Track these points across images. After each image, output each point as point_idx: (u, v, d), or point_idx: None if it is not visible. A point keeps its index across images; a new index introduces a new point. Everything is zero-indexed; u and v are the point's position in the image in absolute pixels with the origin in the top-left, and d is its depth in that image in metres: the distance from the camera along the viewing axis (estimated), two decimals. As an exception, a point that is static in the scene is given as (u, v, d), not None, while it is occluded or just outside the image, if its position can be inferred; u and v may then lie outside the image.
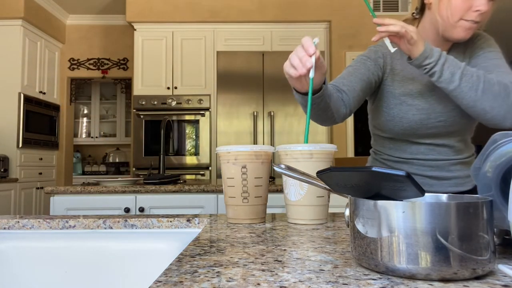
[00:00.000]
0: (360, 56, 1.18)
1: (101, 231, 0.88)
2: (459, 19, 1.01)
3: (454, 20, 1.02)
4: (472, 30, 1.02)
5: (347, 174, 0.47)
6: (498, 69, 1.03)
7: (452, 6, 1.01)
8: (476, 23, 1.01)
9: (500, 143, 0.52)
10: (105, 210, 2.03)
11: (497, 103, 0.94)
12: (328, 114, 1.00)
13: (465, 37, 1.03)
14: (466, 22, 1.01)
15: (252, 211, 0.81)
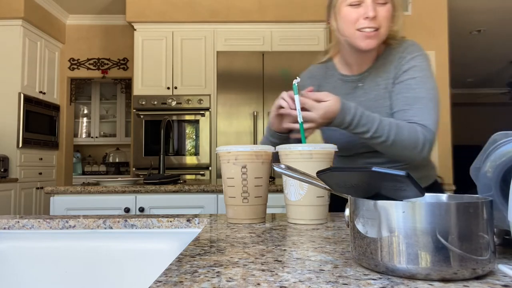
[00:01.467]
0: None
1: (101, 231, 0.88)
2: (353, 28, 1.03)
3: (351, 33, 1.04)
4: (374, 37, 1.02)
5: (347, 174, 0.47)
6: (417, 104, 1.03)
7: (343, 20, 1.05)
8: (376, 30, 1.02)
9: (500, 143, 0.52)
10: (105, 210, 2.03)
11: (405, 154, 1.01)
12: None
13: (369, 45, 1.03)
14: (361, 32, 1.02)
15: (252, 211, 0.81)
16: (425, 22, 4.15)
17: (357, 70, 1.14)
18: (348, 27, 1.04)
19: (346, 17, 1.03)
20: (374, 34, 1.02)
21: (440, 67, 4.14)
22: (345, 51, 1.13)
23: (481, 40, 5.69)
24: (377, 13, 1.01)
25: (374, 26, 1.01)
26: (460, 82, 7.64)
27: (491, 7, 4.65)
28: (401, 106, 1.05)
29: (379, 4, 1.01)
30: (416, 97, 1.04)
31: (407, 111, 1.03)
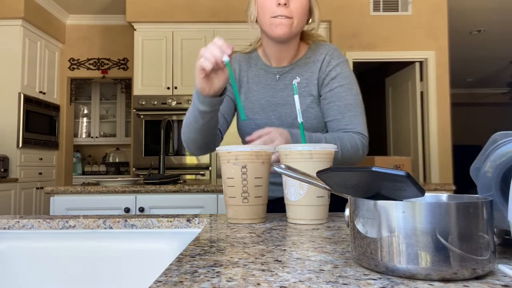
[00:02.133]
0: None
1: (101, 231, 0.88)
2: (269, 17, 1.06)
3: (266, 21, 1.07)
4: (286, 26, 1.05)
5: (347, 174, 0.47)
6: (349, 112, 1.10)
7: (260, 9, 1.08)
8: (288, 18, 1.04)
9: (500, 143, 0.52)
10: (105, 210, 2.03)
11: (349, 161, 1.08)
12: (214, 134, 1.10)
13: (281, 32, 1.05)
14: (276, 19, 1.05)
15: (252, 211, 0.81)
16: (425, 22, 4.15)
17: (277, 63, 1.16)
18: (264, 15, 1.06)
19: (262, 5, 1.07)
20: (287, 22, 1.04)
21: (440, 67, 4.14)
22: (264, 42, 1.15)
23: (481, 40, 5.69)
24: (290, 2, 1.04)
25: (286, 14, 1.04)
26: (460, 82, 7.65)
27: (491, 7, 4.66)
28: (335, 115, 1.11)
29: None
30: (347, 104, 1.11)
31: (340, 120, 1.10)
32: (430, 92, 4.13)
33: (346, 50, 4.15)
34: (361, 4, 4.18)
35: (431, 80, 4.14)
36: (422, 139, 4.22)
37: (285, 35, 1.06)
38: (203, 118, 1.00)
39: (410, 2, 4.16)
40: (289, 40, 1.10)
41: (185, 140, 1.13)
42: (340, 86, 1.12)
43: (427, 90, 4.17)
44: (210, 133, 1.08)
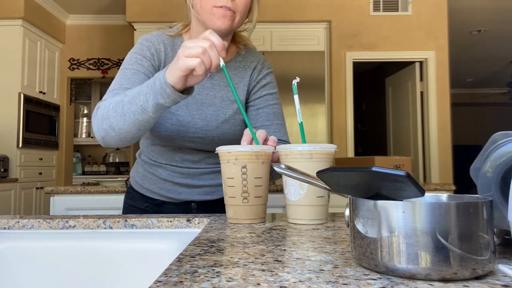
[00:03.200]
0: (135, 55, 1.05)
1: (101, 231, 0.88)
2: (211, 6, 0.98)
3: (207, 9, 0.99)
4: (229, 19, 0.99)
5: (347, 174, 0.47)
6: (277, 120, 1.11)
7: None
8: (231, 11, 0.98)
9: (500, 143, 0.52)
10: (105, 210, 2.03)
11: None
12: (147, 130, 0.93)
13: (222, 25, 0.98)
14: (219, 9, 0.97)
15: (252, 211, 0.81)
16: (425, 22, 4.15)
17: None
18: (206, 2, 0.99)
19: None
20: (230, 15, 0.98)
21: (440, 67, 4.14)
22: (195, 31, 1.06)
23: (481, 40, 5.69)
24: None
25: (231, 7, 0.98)
26: (460, 82, 7.65)
27: (491, 7, 4.66)
28: (263, 121, 1.10)
29: None
30: (275, 113, 1.11)
31: (269, 126, 1.09)
32: (430, 92, 4.13)
33: (346, 50, 4.16)
34: (361, 4, 4.18)
35: (431, 80, 4.14)
36: (422, 139, 4.22)
37: (226, 28, 0.99)
38: (156, 111, 0.84)
39: (410, 2, 4.16)
40: (225, 36, 1.03)
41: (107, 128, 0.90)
42: (269, 94, 1.12)
43: (427, 90, 4.17)
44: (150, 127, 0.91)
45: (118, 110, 0.88)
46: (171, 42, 1.09)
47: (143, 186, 1.16)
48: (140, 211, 1.16)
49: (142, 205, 1.16)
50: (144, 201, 1.16)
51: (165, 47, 1.07)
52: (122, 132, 0.89)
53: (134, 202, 1.19)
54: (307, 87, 3.91)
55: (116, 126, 0.89)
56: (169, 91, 0.81)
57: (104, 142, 0.95)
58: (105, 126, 0.91)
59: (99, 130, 0.93)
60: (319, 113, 3.99)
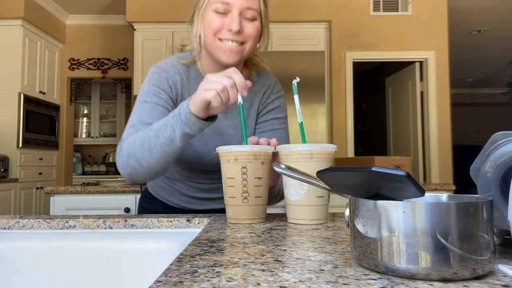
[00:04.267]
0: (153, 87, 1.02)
1: (101, 231, 0.88)
2: (215, 38, 0.94)
3: (211, 42, 0.95)
4: (237, 52, 0.95)
5: (347, 174, 0.47)
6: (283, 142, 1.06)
7: (206, 27, 0.96)
8: (240, 44, 0.94)
9: (500, 143, 0.52)
10: (105, 210, 2.03)
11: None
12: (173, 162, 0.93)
13: (229, 59, 0.94)
14: (223, 43, 0.94)
15: (252, 211, 0.81)
16: (425, 22, 4.15)
17: None
18: (210, 35, 0.95)
19: (209, 24, 0.94)
20: (238, 49, 0.94)
21: (440, 67, 4.14)
22: (205, 61, 1.04)
23: (481, 40, 5.69)
24: (243, 27, 0.93)
25: (238, 40, 0.94)
26: (460, 82, 7.64)
27: (491, 7, 4.66)
28: None
29: (247, 19, 0.94)
30: (279, 137, 1.06)
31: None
32: (430, 92, 4.13)
33: (346, 50, 4.16)
34: (361, 4, 4.18)
35: (431, 80, 4.14)
36: (422, 139, 4.22)
37: (234, 62, 0.95)
38: (183, 141, 0.86)
39: (410, 2, 4.16)
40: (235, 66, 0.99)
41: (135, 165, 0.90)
42: (275, 119, 1.09)
43: (427, 90, 4.17)
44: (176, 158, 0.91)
45: (145, 145, 0.88)
46: (186, 71, 1.06)
47: (161, 195, 1.15)
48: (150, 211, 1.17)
49: (160, 210, 1.15)
50: (163, 207, 1.15)
51: (181, 77, 1.05)
52: (150, 166, 0.89)
53: (153, 206, 1.17)
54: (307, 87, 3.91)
55: (144, 161, 0.89)
56: (194, 120, 0.82)
57: (131, 178, 0.95)
58: (132, 163, 0.91)
59: (126, 168, 0.93)
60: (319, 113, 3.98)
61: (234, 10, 0.92)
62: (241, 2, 0.92)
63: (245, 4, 0.93)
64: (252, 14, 0.94)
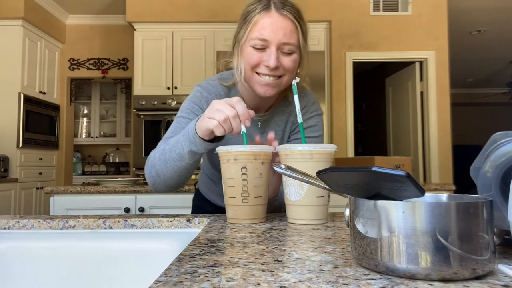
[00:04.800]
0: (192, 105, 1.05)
1: (101, 231, 0.88)
2: (253, 72, 0.96)
3: (249, 76, 0.97)
4: (274, 86, 0.96)
5: (347, 174, 0.47)
6: None
7: (245, 58, 0.97)
8: (277, 78, 0.95)
9: (500, 143, 0.52)
10: (105, 210, 2.03)
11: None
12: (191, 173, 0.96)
13: (267, 93, 0.96)
14: (261, 77, 0.95)
15: (252, 211, 0.81)
16: (425, 22, 4.15)
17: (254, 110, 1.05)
18: (248, 69, 0.96)
19: (247, 58, 0.96)
20: (274, 83, 0.96)
21: (440, 67, 4.14)
22: (244, 88, 1.05)
23: (481, 40, 5.69)
24: (281, 62, 0.94)
25: (275, 74, 0.95)
26: (460, 82, 7.64)
27: (491, 7, 4.66)
28: None
29: (284, 53, 0.95)
30: None
31: None
32: (430, 92, 4.13)
33: (346, 50, 4.15)
34: (361, 4, 4.18)
35: (431, 80, 4.14)
36: (422, 139, 4.22)
37: (271, 96, 0.98)
38: (191, 158, 0.89)
39: (410, 2, 4.16)
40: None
41: (155, 175, 0.96)
42: (308, 138, 1.08)
43: (427, 90, 4.17)
44: (190, 173, 0.95)
45: (161, 158, 0.93)
46: (227, 92, 1.08)
47: (208, 195, 1.22)
48: (207, 212, 1.21)
49: (208, 208, 1.22)
50: (210, 205, 1.22)
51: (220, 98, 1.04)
52: (167, 179, 0.95)
53: (202, 204, 1.25)
54: (307, 87, 3.90)
55: (161, 173, 0.94)
56: (199, 141, 0.85)
57: (154, 188, 1.00)
58: (153, 173, 0.96)
59: (149, 177, 0.98)
60: (319, 113, 3.98)
61: (271, 46, 0.93)
62: (278, 38, 0.93)
63: (283, 39, 0.93)
64: (290, 49, 0.95)
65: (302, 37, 0.98)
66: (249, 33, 0.96)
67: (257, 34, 0.94)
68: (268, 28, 0.93)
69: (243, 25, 0.98)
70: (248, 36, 0.96)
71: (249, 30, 0.96)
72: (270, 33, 0.93)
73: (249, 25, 0.96)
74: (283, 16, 0.94)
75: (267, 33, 0.93)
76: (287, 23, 0.94)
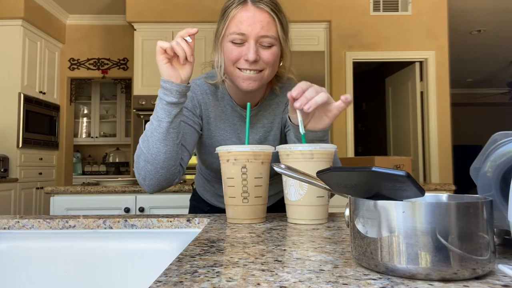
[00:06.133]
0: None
1: (101, 231, 0.88)
2: (234, 67, 0.96)
3: (231, 71, 0.97)
4: (255, 80, 0.96)
5: (347, 174, 0.47)
6: None
7: (224, 54, 0.97)
8: (258, 72, 0.95)
9: (500, 143, 0.52)
10: (105, 210, 2.03)
11: None
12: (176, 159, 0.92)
13: (249, 87, 0.96)
14: (242, 72, 0.95)
15: (252, 211, 0.81)
16: (425, 22, 4.15)
17: (241, 104, 1.07)
18: (229, 64, 0.97)
19: (227, 54, 0.96)
20: (256, 77, 0.96)
21: (440, 67, 4.14)
22: (228, 85, 1.06)
23: (481, 40, 5.69)
24: (260, 55, 0.94)
25: (255, 68, 0.95)
26: (460, 82, 7.64)
27: (491, 7, 4.65)
28: None
29: (263, 46, 0.94)
30: None
31: None
32: (430, 92, 4.13)
33: (346, 50, 4.15)
34: (361, 4, 4.18)
35: (431, 80, 4.14)
36: (422, 139, 4.22)
37: (254, 89, 0.97)
38: (169, 114, 0.87)
39: (410, 2, 4.16)
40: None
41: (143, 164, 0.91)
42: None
43: (427, 90, 4.17)
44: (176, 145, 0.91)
45: (144, 142, 0.91)
46: (213, 91, 1.08)
47: (204, 195, 1.24)
48: (204, 212, 1.23)
49: (204, 208, 1.23)
50: (206, 205, 1.23)
51: (207, 97, 1.07)
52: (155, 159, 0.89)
53: (198, 204, 1.26)
54: (307, 87, 3.90)
55: (148, 154, 0.90)
56: (169, 85, 0.88)
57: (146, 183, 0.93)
58: (142, 164, 0.91)
59: (140, 173, 0.93)
60: (319, 113, 3.98)
61: (250, 40, 0.93)
62: (256, 31, 0.93)
63: (261, 32, 0.93)
64: (269, 41, 0.95)
65: (281, 29, 0.97)
66: (226, 28, 0.96)
67: (234, 29, 0.94)
68: (245, 22, 0.93)
69: (221, 21, 0.98)
70: (226, 31, 0.96)
71: (226, 25, 0.96)
72: (247, 27, 0.92)
73: (227, 20, 0.95)
74: (260, 9, 0.94)
75: (244, 27, 0.93)
76: (264, 16, 0.93)
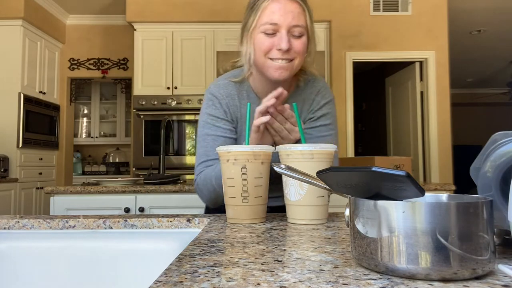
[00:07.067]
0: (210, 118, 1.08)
1: (101, 231, 0.88)
2: (266, 57, 0.98)
3: (262, 61, 0.99)
4: (287, 69, 0.98)
5: (347, 174, 0.47)
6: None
7: (256, 45, 0.99)
8: (289, 61, 0.98)
9: (500, 143, 0.52)
10: (105, 210, 2.03)
11: None
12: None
13: (281, 76, 0.98)
14: (273, 62, 0.98)
15: (252, 211, 0.81)
16: (425, 22, 4.15)
17: None
18: (260, 55, 0.99)
19: (259, 45, 0.98)
20: (287, 66, 0.98)
21: (440, 67, 4.14)
22: (256, 78, 1.08)
23: (481, 40, 5.69)
24: (292, 45, 0.97)
25: (287, 57, 0.97)
26: (460, 82, 7.64)
27: (491, 7, 4.65)
28: None
29: (294, 36, 0.97)
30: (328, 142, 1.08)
31: None
32: (430, 92, 4.13)
33: (346, 50, 4.15)
34: (361, 4, 4.18)
35: (431, 80, 4.14)
36: (422, 139, 4.22)
37: (285, 78, 1.00)
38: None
39: (410, 2, 4.16)
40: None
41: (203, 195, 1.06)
42: (323, 126, 1.10)
43: (427, 90, 4.17)
44: None
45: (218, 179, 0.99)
46: (238, 89, 1.10)
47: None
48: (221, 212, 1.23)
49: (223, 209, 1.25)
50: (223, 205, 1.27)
51: (232, 98, 1.09)
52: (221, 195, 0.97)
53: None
54: (307, 87, 3.90)
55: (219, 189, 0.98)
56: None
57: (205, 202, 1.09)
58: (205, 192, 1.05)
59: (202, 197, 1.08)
60: (319, 113, 3.98)
61: (282, 30, 0.96)
62: (288, 21, 0.96)
63: (292, 22, 0.96)
64: (300, 31, 0.98)
65: (309, 20, 1.01)
66: (258, 19, 0.98)
67: (267, 19, 0.96)
68: (278, 12, 0.96)
69: (251, 14, 1.00)
70: (257, 23, 0.98)
71: (258, 16, 0.98)
72: (280, 17, 0.95)
73: (258, 12, 0.98)
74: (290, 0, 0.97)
75: (277, 17, 0.95)
76: (295, 6, 0.97)
